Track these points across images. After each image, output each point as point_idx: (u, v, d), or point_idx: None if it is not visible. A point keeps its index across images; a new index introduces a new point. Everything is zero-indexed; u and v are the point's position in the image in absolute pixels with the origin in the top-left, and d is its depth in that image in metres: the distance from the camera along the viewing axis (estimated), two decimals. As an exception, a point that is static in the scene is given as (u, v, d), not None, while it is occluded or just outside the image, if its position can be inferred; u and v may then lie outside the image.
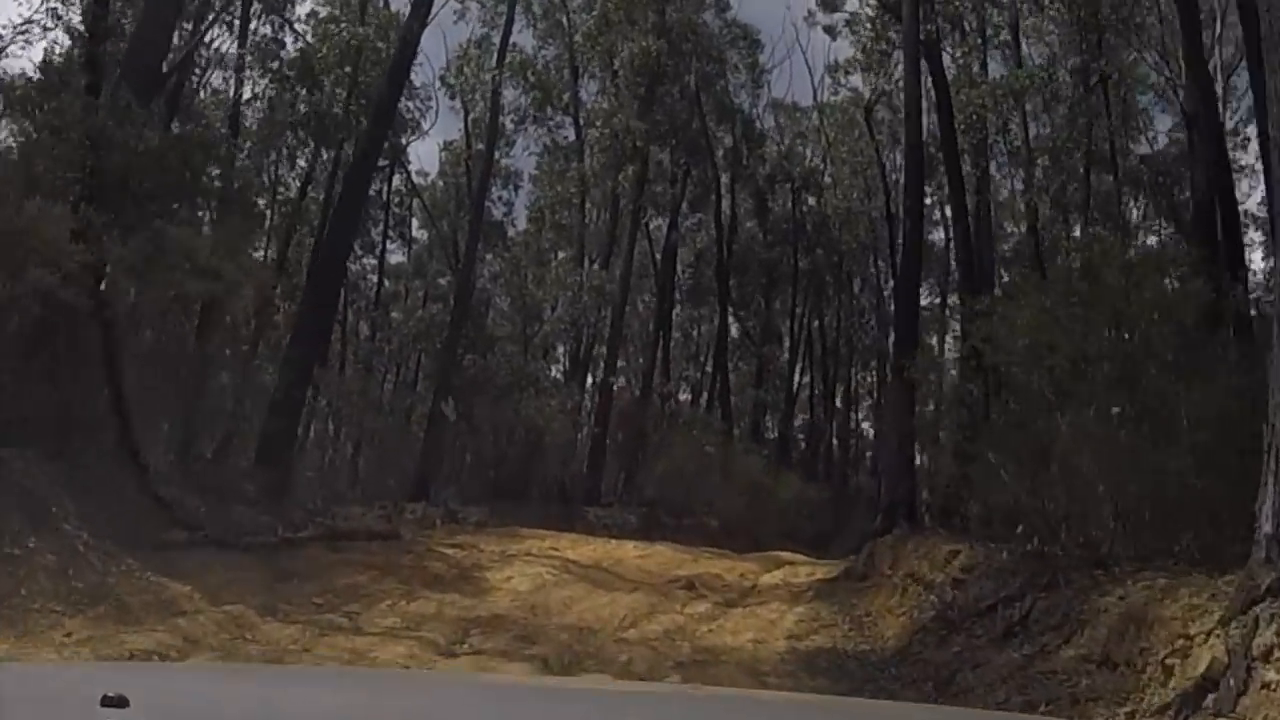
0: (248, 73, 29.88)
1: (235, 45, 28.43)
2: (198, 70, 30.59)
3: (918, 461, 22.45)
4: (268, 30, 32.34)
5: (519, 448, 31.04)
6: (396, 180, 43.01)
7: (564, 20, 38.83)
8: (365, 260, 44.65)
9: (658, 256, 42.17)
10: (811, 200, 45.51)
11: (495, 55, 34.03)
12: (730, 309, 43.29)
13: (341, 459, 36.11)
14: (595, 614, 12.90)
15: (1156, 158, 33.17)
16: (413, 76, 37.58)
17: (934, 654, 9.83)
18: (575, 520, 28.58)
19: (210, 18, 25.40)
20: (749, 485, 32.59)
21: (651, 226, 42.59)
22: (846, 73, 42.62)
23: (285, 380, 20.72)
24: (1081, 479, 11.21)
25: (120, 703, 1.80)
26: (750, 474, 33.08)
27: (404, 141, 41.36)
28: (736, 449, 34.56)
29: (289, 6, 32.45)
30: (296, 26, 33.09)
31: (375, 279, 45.74)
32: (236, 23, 29.65)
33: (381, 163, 42.06)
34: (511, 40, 35.18)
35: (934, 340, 44.70)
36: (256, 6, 31.37)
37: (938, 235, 46.40)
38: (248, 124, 35.63)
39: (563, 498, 31.26)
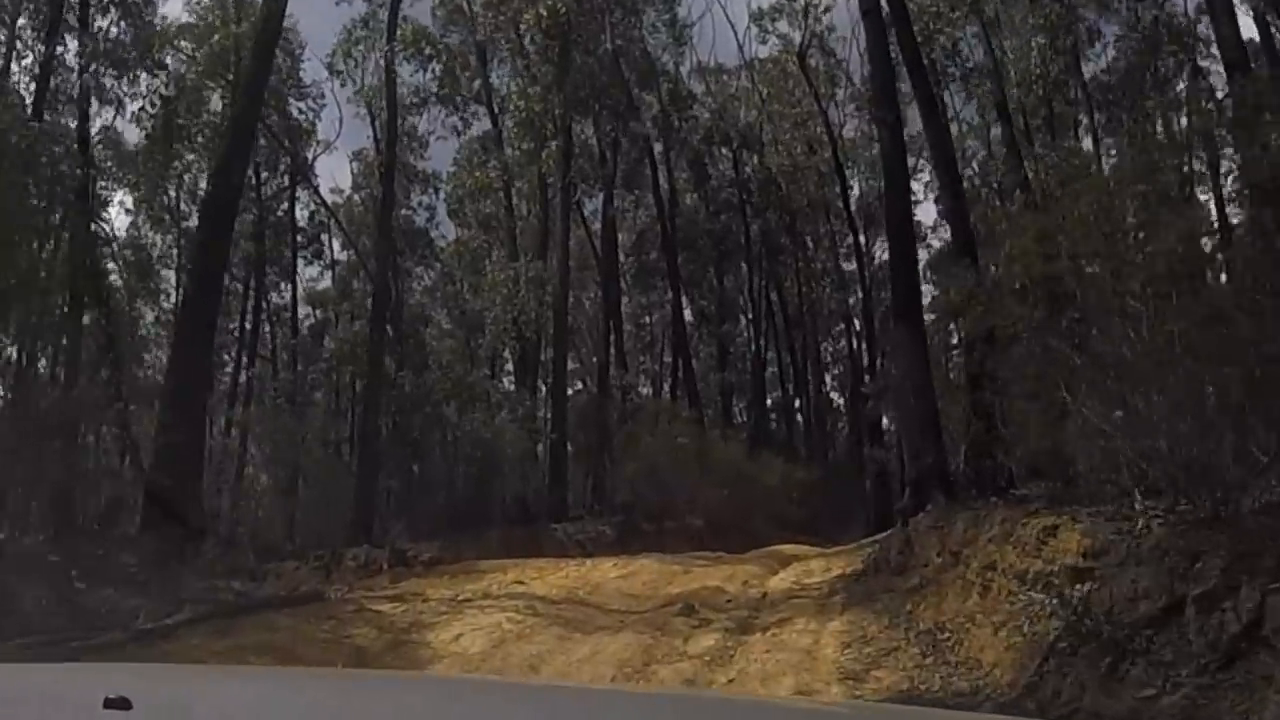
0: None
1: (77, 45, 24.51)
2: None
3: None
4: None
5: (470, 469, 27.41)
6: (310, 201, 39.74)
7: (464, 4, 35.28)
8: (284, 286, 41.32)
9: (597, 244, 38.65)
10: (754, 160, 42.16)
11: (385, 32, 30.26)
12: (682, 289, 39.75)
13: (277, 508, 32.26)
14: (573, 678, 9.40)
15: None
16: (302, 74, 34.29)
17: (1101, 698, 6.27)
18: (542, 541, 25.07)
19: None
20: (731, 475, 29.15)
21: (587, 212, 39.16)
22: (773, 19, 39.45)
23: (166, 423, 17.05)
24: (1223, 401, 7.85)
25: (123, 704, 1.75)
26: (730, 462, 29.66)
27: (309, 157, 38.06)
28: (711, 437, 31.07)
29: (148, 8, 28.57)
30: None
31: (306, 309, 42.72)
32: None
33: (286, 181, 38.92)
34: (403, 15, 31.53)
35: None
36: (114, 14, 27.69)
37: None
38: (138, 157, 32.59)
39: (526, 518, 27.70)
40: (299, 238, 40.81)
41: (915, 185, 37.91)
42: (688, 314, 41.57)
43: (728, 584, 16.63)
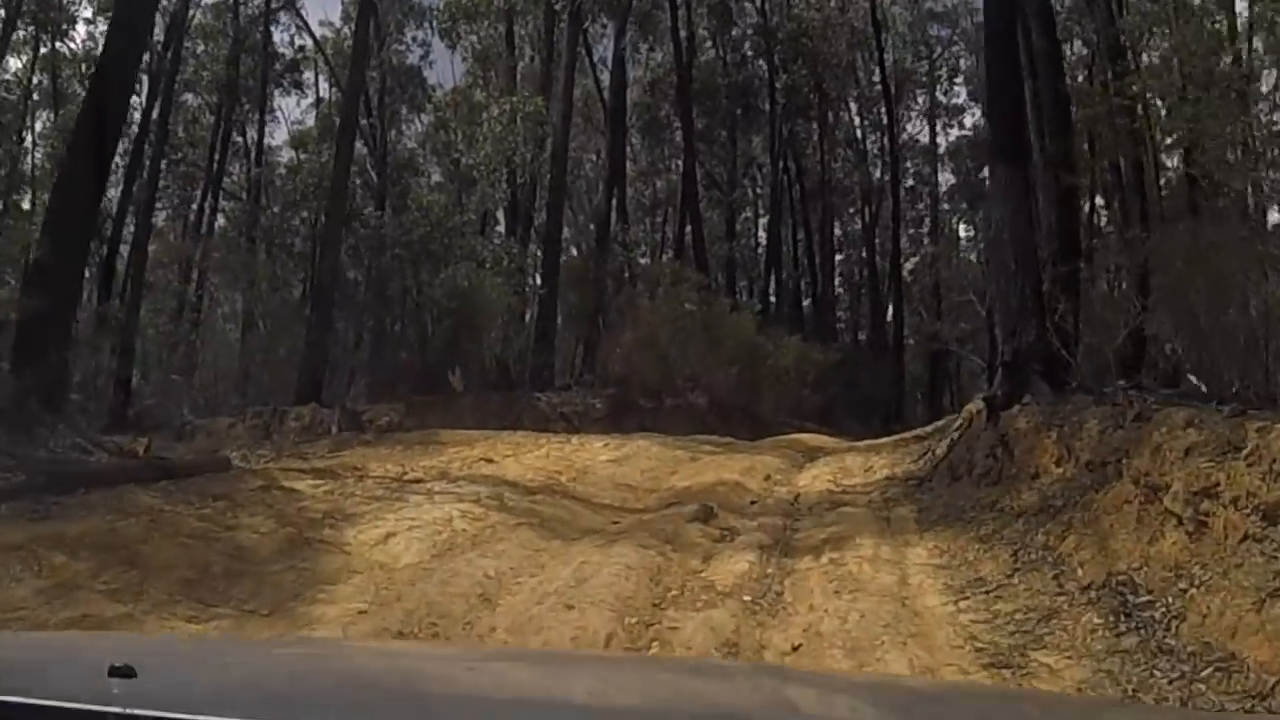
0: None
1: None
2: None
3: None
4: None
5: (446, 323, 23.80)
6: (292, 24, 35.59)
7: None
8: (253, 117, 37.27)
9: (605, 94, 34.55)
10: (783, 12, 37.81)
11: None
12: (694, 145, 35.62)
13: (228, 354, 28.68)
14: (545, 625, 5.87)
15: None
16: None
17: None
18: (522, 412, 21.73)
19: None
20: (741, 350, 25.69)
21: (595, 59, 34.99)
22: None
23: (50, 237, 13.35)
24: None
25: (128, 672, 1.75)
26: (741, 337, 26.13)
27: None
28: (720, 305, 27.39)
29: None
30: None
31: (291, 153, 38.67)
32: None
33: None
34: None
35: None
36: None
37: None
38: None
39: (507, 384, 24.26)
40: (276, 65, 36.64)
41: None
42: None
43: (747, 479, 13.27)
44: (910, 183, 40.99)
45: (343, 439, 16.99)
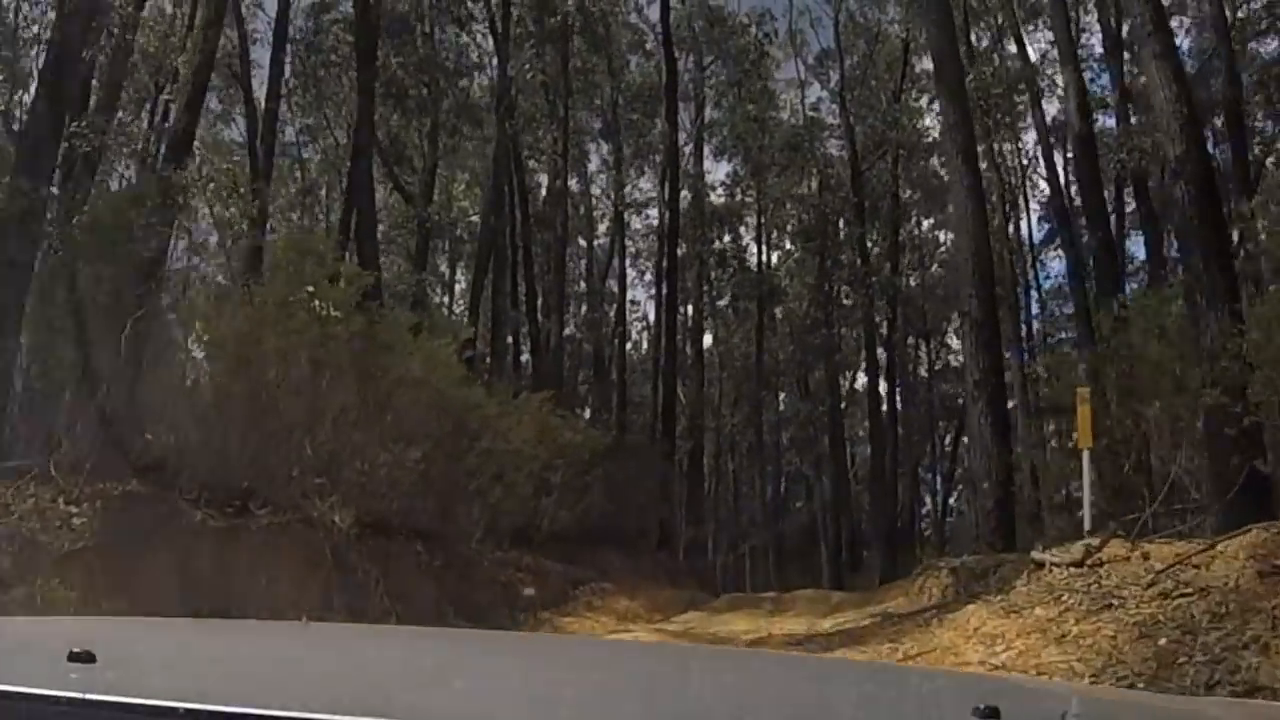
0: None
1: None
2: None
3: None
4: None
5: None
6: None
7: None
8: None
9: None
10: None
11: None
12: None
13: None
14: None
15: None
16: None
17: None
18: None
19: None
20: (438, 413, 12.68)
21: None
22: None
23: None
24: None
25: (87, 657, 1.68)
26: (438, 385, 12.96)
27: None
28: (402, 321, 13.90)
29: None
30: None
31: None
32: None
33: None
34: None
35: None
36: None
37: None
38: None
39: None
40: None
41: None
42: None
43: None
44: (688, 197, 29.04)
45: None
